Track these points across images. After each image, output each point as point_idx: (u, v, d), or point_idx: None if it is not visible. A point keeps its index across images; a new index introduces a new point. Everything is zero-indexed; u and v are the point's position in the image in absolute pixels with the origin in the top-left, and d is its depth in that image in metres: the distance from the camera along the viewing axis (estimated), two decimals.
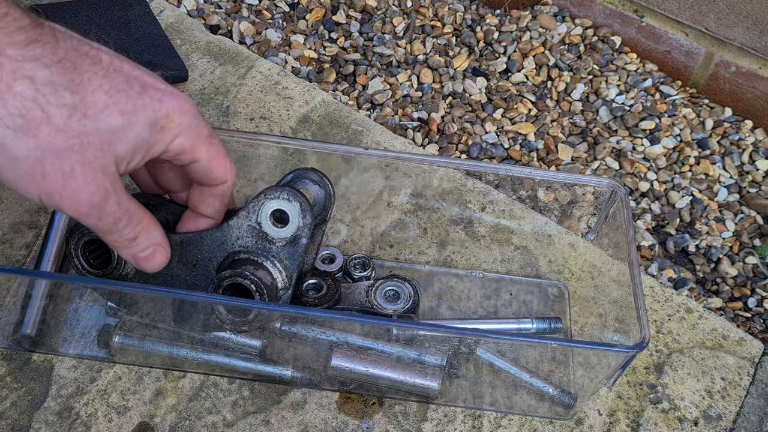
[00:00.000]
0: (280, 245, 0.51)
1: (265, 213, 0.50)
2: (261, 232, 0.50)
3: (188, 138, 0.44)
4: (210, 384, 0.58)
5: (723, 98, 0.97)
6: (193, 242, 0.51)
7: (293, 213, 0.50)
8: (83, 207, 0.41)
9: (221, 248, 0.51)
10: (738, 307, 0.77)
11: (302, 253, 0.51)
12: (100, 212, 0.41)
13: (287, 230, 0.50)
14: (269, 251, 0.51)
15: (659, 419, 0.60)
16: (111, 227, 0.43)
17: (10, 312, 0.58)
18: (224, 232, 0.51)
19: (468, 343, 0.57)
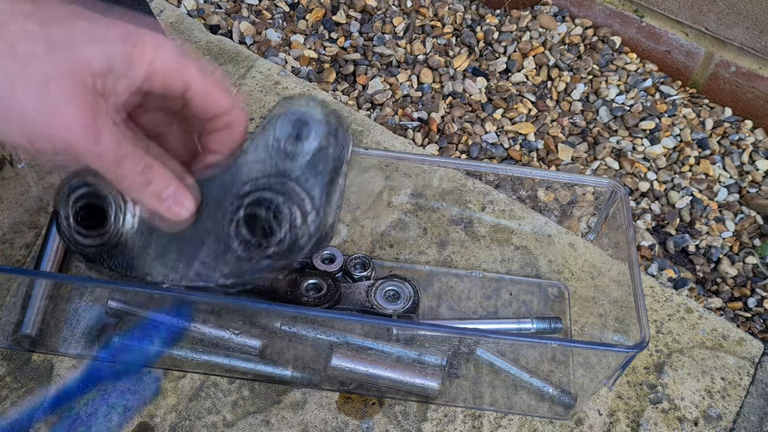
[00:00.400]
0: (305, 161, 0.44)
1: (283, 127, 0.44)
2: (280, 151, 0.44)
3: (171, 56, 0.40)
4: (210, 384, 0.58)
5: (723, 98, 0.97)
6: (203, 183, 0.45)
7: (315, 120, 0.44)
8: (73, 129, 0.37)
9: (237, 178, 0.45)
10: (738, 307, 0.77)
11: (330, 165, 0.44)
12: (95, 140, 0.37)
13: (311, 142, 0.44)
14: (291, 171, 0.44)
15: (659, 419, 0.60)
16: (115, 165, 0.39)
17: (10, 312, 0.58)
18: (237, 161, 0.44)
19: (468, 343, 0.57)
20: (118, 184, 0.41)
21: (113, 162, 0.39)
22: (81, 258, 0.48)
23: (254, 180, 0.44)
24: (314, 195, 0.44)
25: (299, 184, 0.44)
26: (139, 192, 0.41)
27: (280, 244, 0.43)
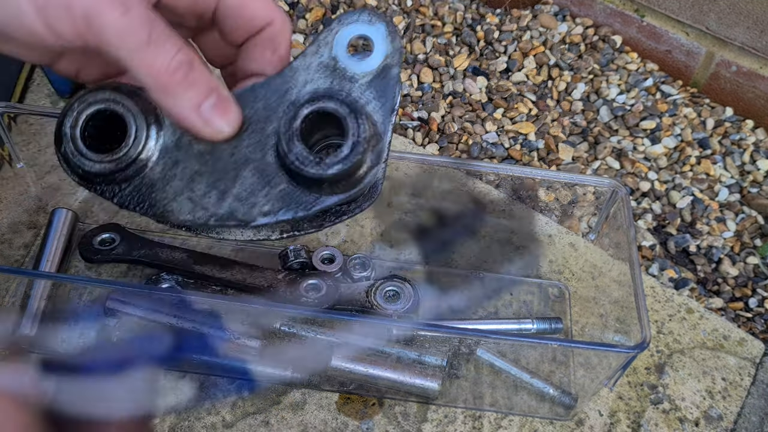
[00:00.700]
0: (365, 81, 0.39)
1: (340, 43, 0.39)
2: (337, 70, 0.39)
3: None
4: (210, 384, 0.58)
5: (724, 98, 0.97)
6: (240, 100, 0.38)
7: (378, 37, 0.39)
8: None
9: (283, 99, 0.39)
10: (739, 308, 0.77)
11: (395, 87, 0.40)
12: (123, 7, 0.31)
13: (373, 60, 0.39)
14: (350, 92, 0.39)
15: (660, 420, 0.60)
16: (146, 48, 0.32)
17: (9, 312, 0.58)
18: (285, 78, 0.39)
19: (468, 344, 0.57)
20: (147, 76, 0.33)
21: (144, 42, 0.32)
22: (86, 185, 0.40)
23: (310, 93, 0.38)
24: (377, 119, 0.39)
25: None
26: (172, 94, 0.34)
27: (343, 162, 0.37)
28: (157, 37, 0.32)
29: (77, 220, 0.65)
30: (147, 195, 0.39)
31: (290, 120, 0.37)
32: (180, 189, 0.39)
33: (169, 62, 0.33)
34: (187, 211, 0.39)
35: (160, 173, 0.39)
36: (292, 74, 0.39)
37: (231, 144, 0.39)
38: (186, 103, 0.34)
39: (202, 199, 0.39)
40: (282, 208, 0.39)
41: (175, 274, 0.60)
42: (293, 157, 0.37)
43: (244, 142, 0.39)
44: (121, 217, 0.66)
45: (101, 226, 0.63)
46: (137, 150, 0.38)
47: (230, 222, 0.39)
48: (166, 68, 0.33)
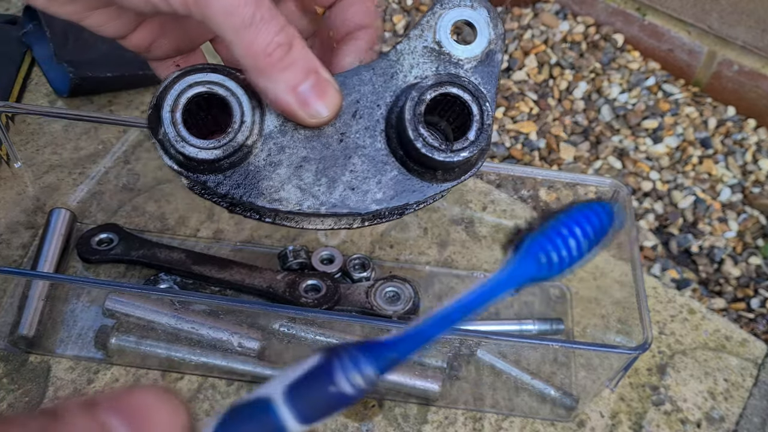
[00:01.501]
0: (470, 66, 0.39)
1: (444, 27, 0.39)
2: (442, 54, 0.39)
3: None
4: (208, 386, 0.57)
5: (726, 97, 0.97)
6: (346, 84, 0.38)
7: (481, 22, 0.39)
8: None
9: (389, 84, 0.38)
10: (741, 308, 0.76)
11: (498, 73, 0.40)
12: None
13: (477, 45, 0.39)
14: (456, 76, 0.38)
15: (662, 421, 0.59)
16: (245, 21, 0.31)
17: (7, 313, 0.58)
18: (391, 62, 0.38)
19: (469, 345, 0.56)
20: (245, 57, 0.32)
21: (247, 22, 0.31)
22: (185, 173, 0.38)
23: (409, 88, 0.38)
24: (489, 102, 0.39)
25: None
26: (269, 75, 0.33)
27: (471, 148, 0.37)
28: (261, 17, 0.31)
29: (75, 220, 0.65)
30: (254, 183, 0.38)
31: (415, 105, 0.37)
32: (287, 176, 0.38)
33: (269, 43, 0.32)
34: (295, 200, 0.38)
35: (265, 159, 0.38)
36: (397, 58, 0.39)
37: (339, 129, 0.38)
38: (282, 85, 0.33)
39: (312, 187, 0.38)
40: (395, 195, 0.38)
41: (173, 275, 0.60)
42: (420, 143, 0.37)
43: (353, 128, 0.38)
44: (119, 217, 0.66)
45: (99, 226, 0.63)
46: (244, 135, 0.37)
47: (342, 210, 0.38)
48: (263, 49, 0.32)
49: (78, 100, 0.77)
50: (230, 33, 0.31)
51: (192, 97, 0.36)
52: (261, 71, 0.33)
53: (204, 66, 0.37)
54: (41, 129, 0.72)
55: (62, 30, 0.74)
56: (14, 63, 0.77)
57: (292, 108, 0.34)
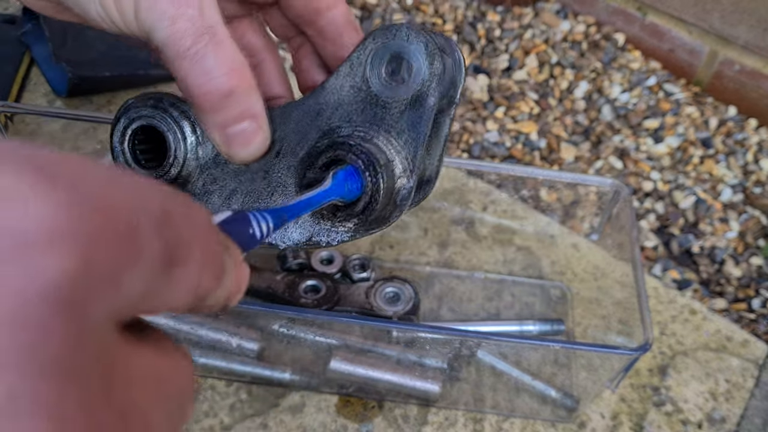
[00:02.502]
0: (398, 111, 0.36)
1: (374, 64, 0.36)
2: (370, 95, 0.36)
3: None
4: (207, 387, 0.57)
5: (727, 97, 0.97)
6: (275, 118, 0.37)
7: (416, 59, 0.35)
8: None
9: (314, 124, 0.37)
10: (742, 309, 0.76)
11: (429, 120, 0.36)
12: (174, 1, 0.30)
13: (407, 86, 0.36)
14: (382, 121, 0.36)
15: (663, 422, 0.59)
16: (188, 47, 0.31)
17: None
18: (317, 100, 0.37)
19: (469, 346, 0.56)
20: (181, 87, 0.32)
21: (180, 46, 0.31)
22: None
23: (333, 130, 0.37)
24: (408, 154, 0.36)
25: (391, 138, 0.36)
26: (202, 110, 0.33)
27: (360, 216, 0.36)
28: (196, 52, 0.31)
29: None
30: None
31: (305, 170, 0.36)
32: (219, 205, 0.39)
33: (202, 83, 0.32)
34: None
35: (201, 188, 0.39)
36: (323, 96, 0.37)
37: (263, 166, 0.38)
38: (210, 122, 0.33)
39: None
40: (311, 237, 0.38)
41: None
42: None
43: (276, 165, 0.38)
44: None
45: None
46: (176, 170, 0.38)
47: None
48: (198, 86, 0.32)
49: (77, 100, 0.76)
50: (170, 62, 0.31)
51: (137, 129, 0.38)
52: (194, 105, 0.33)
53: (150, 97, 0.38)
54: (40, 129, 0.71)
55: (61, 30, 0.74)
56: (13, 63, 0.77)
57: (216, 143, 0.34)
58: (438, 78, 0.36)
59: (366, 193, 0.35)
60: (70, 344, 0.15)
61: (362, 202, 0.36)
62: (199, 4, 0.31)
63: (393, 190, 0.36)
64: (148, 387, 0.18)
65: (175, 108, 0.38)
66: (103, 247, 0.16)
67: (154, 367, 0.19)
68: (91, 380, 0.15)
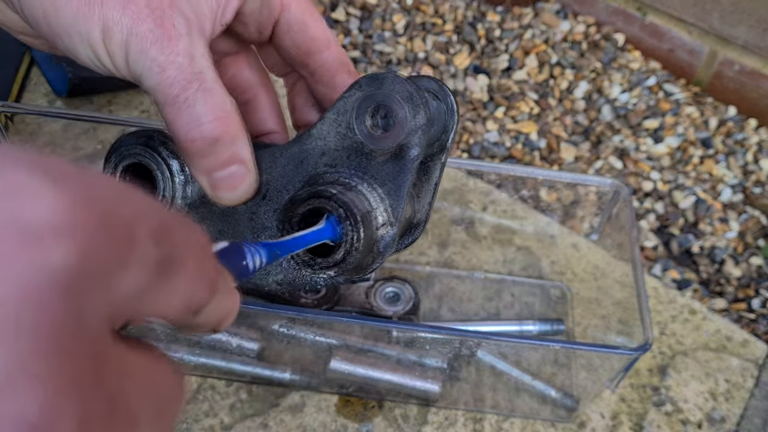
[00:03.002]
0: (382, 160, 0.36)
1: (360, 112, 0.36)
2: (355, 143, 0.36)
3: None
4: (207, 387, 0.57)
5: (727, 97, 0.97)
6: (261, 163, 0.38)
7: (400, 109, 0.35)
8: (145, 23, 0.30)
9: (300, 169, 0.37)
10: (742, 309, 0.76)
11: (412, 171, 0.36)
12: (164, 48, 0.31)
13: (391, 136, 0.36)
14: (366, 169, 0.36)
15: (662, 422, 0.59)
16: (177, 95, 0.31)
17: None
18: (303, 146, 0.37)
19: (469, 345, 0.56)
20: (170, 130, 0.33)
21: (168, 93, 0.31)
22: None
23: (319, 175, 0.37)
24: (391, 203, 0.36)
25: (375, 186, 0.36)
26: (188, 154, 0.33)
27: (341, 265, 0.36)
28: (185, 100, 0.32)
29: None
30: None
31: (288, 218, 0.36)
32: None
33: (189, 130, 0.32)
34: None
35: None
36: (309, 142, 0.37)
37: (249, 209, 0.38)
38: (197, 167, 0.34)
39: None
40: (293, 281, 0.38)
41: None
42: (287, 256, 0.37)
43: (261, 209, 0.38)
44: None
45: None
46: (169, 197, 0.38)
47: (246, 284, 0.38)
48: (185, 133, 0.32)
49: (77, 100, 0.76)
50: (159, 107, 0.32)
51: (127, 166, 0.38)
52: (181, 150, 0.33)
53: (142, 134, 0.38)
54: (40, 129, 0.71)
55: None
56: (13, 63, 0.77)
57: (203, 187, 0.35)
58: (422, 129, 0.36)
59: (345, 242, 0.35)
60: (67, 327, 0.16)
61: (341, 251, 0.35)
62: (189, 51, 0.32)
63: (374, 239, 0.36)
64: (138, 382, 0.19)
65: (164, 147, 0.38)
66: (105, 245, 0.17)
67: (145, 368, 0.20)
68: (85, 363, 0.16)
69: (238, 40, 0.40)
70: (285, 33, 0.38)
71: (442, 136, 0.40)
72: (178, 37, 0.31)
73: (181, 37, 0.31)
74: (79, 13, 0.31)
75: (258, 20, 0.38)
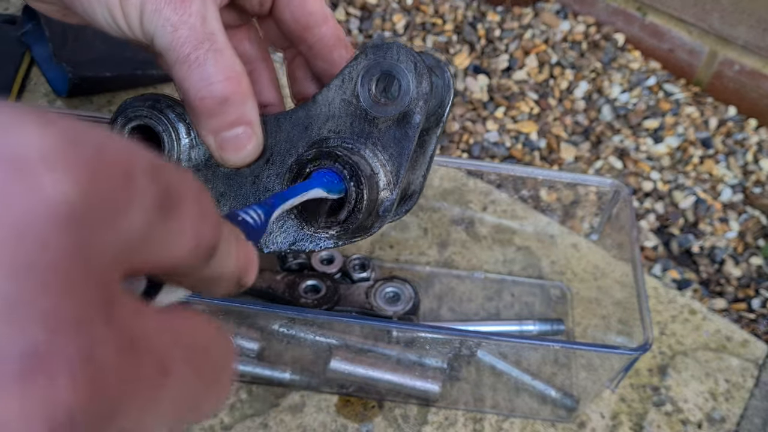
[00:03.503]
0: (385, 126, 0.37)
1: (365, 80, 0.37)
2: (359, 110, 0.37)
3: None
4: None
5: (727, 97, 0.97)
6: (266, 127, 0.39)
7: (405, 78, 0.37)
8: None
9: (304, 134, 0.38)
10: (742, 309, 0.76)
11: (414, 137, 0.37)
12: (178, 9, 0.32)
13: (395, 104, 0.37)
14: (369, 135, 0.37)
15: (662, 422, 0.59)
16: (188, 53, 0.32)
17: None
18: (309, 111, 0.38)
19: (469, 345, 0.56)
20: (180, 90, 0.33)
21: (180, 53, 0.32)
22: None
23: (322, 140, 0.38)
24: (392, 168, 0.38)
25: (377, 152, 0.37)
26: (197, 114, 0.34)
27: (343, 224, 0.37)
28: (196, 59, 0.32)
29: None
30: None
31: (293, 178, 0.37)
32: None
33: (199, 89, 0.33)
34: None
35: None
36: (315, 108, 0.38)
37: (253, 172, 0.39)
38: (205, 126, 0.34)
39: None
40: (294, 242, 0.39)
41: None
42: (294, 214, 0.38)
43: (265, 172, 0.39)
44: None
45: None
46: (174, 156, 0.39)
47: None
48: (195, 92, 0.33)
49: (77, 100, 0.76)
50: (170, 66, 0.33)
51: (133, 127, 0.38)
52: (190, 109, 0.34)
53: (148, 98, 0.39)
54: None
55: (61, 30, 0.74)
56: (13, 63, 0.77)
57: (209, 148, 0.36)
58: (425, 97, 0.37)
59: (349, 201, 0.36)
60: (71, 263, 0.15)
61: (345, 210, 0.36)
62: (202, 13, 0.32)
63: (376, 201, 0.37)
64: (167, 332, 0.18)
65: (171, 110, 0.39)
66: (101, 180, 0.16)
67: (176, 320, 0.19)
68: (92, 301, 0.15)
69: (241, 12, 0.41)
70: (285, 6, 0.39)
71: (439, 110, 0.41)
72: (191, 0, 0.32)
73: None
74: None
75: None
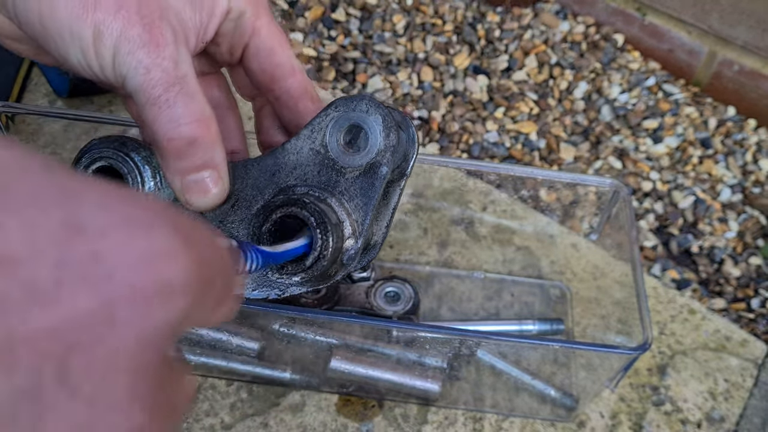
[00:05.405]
0: (352, 176, 0.38)
1: (333, 131, 0.38)
2: (327, 159, 0.38)
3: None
4: (208, 386, 0.57)
5: (726, 97, 0.97)
6: (234, 172, 0.39)
7: (373, 130, 0.38)
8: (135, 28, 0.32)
9: (271, 181, 0.39)
10: (741, 308, 0.76)
11: (380, 187, 0.39)
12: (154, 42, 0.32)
13: (363, 155, 0.38)
14: (336, 184, 0.38)
15: (662, 421, 0.59)
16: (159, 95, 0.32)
17: None
18: (277, 159, 0.39)
19: (469, 345, 0.56)
20: (149, 128, 0.33)
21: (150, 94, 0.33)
22: None
23: (289, 188, 0.39)
24: (357, 218, 0.39)
25: (343, 201, 0.38)
26: (164, 156, 0.34)
27: (308, 271, 0.37)
28: (166, 101, 0.33)
29: None
30: None
31: (260, 224, 0.38)
32: None
33: (167, 130, 0.33)
34: None
35: None
36: (283, 156, 0.39)
37: (218, 216, 0.40)
38: (172, 168, 0.35)
39: None
40: (258, 287, 0.40)
41: None
42: None
43: (230, 216, 0.40)
44: None
45: None
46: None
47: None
48: (164, 133, 0.33)
49: (77, 100, 0.77)
50: (140, 107, 0.33)
51: (98, 168, 0.38)
52: (159, 150, 0.34)
53: (114, 139, 0.39)
54: (41, 129, 0.72)
55: None
56: (14, 63, 0.77)
57: (175, 190, 0.36)
58: (392, 149, 0.38)
59: (315, 249, 0.37)
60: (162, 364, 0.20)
61: (311, 257, 0.37)
62: (174, 57, 0.33)
63: (341, 249, 0.38)
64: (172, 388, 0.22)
65: (137, 153, 0.39)
66: (203, 296, 0.20)
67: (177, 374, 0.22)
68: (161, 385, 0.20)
69: (211, 61, 0.43)
70: (254, 57, 0.40)
71: (403, 164, 0.42)
72: (165, 44, 0.33)
73: (168, 44, 0.33)
74: (73, 14, 0.32)
75: (230, 42, 0.40)
